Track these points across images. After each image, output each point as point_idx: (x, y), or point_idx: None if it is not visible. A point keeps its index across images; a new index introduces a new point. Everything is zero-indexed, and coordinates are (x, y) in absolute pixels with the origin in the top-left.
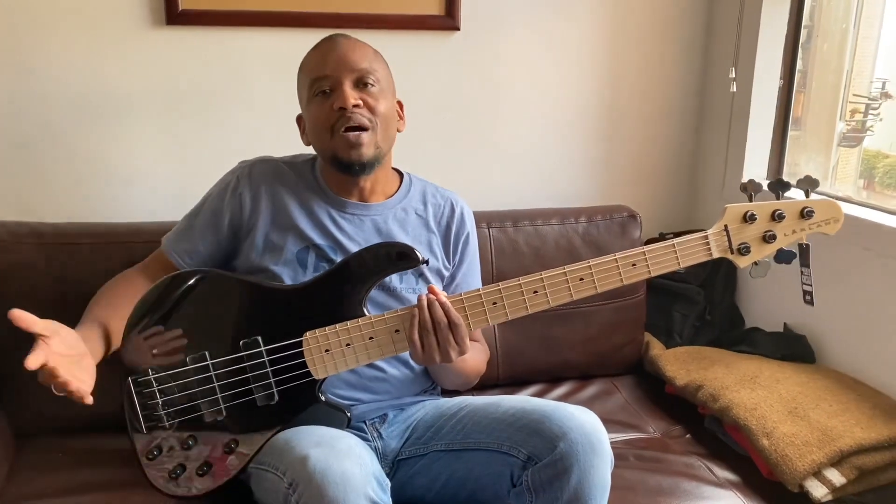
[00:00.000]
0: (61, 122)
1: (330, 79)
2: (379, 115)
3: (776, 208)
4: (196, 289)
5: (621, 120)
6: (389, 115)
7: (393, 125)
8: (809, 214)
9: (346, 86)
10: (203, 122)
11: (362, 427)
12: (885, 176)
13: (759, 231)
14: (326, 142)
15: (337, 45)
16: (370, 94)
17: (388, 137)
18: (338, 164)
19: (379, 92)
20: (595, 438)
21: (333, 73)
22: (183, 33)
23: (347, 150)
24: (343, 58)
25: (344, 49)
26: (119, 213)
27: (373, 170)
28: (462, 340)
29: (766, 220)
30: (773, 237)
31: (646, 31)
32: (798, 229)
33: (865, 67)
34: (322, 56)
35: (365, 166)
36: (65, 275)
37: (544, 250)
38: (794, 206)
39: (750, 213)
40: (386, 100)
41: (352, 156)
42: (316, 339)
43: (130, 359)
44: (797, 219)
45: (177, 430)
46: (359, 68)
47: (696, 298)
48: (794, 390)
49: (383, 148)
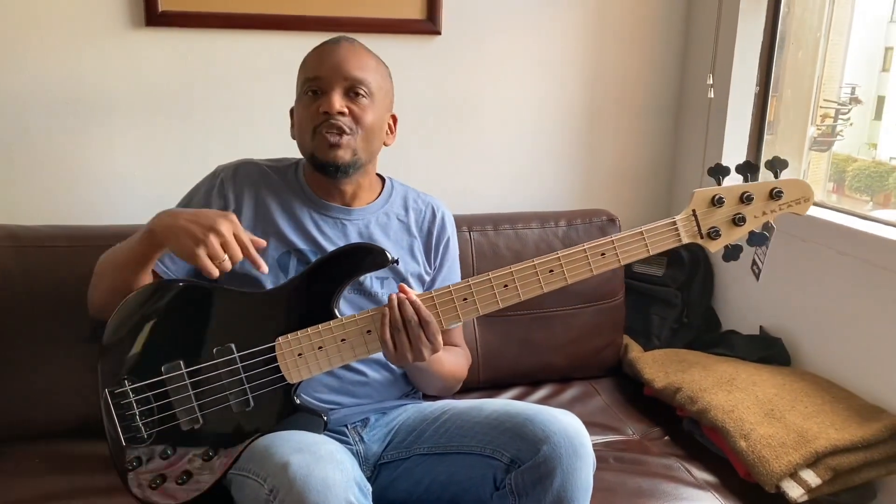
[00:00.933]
0: (38, 124)
1: (322, 80)
2: (362, 126)
3: (744, 190)
4: (169, 298)
5: (601, 124)
6: (375, 128)
7: (378, 138)
8: (779, 195)
9: (335, 91)
10: (182, 124)
11: (344, 431)
12: (853, 180)
13: (727, 214)
14: (307, 141)
15: (338, 49)
16: (358, 104)
17: (369, 148)
18: (315, 163)
19: (368, 104)
20: (578, 441)
21: (326, 76)
22: (162, 35)
23: (325, 150)
24: (340, 64)
25: (343, 55)
26: (96, 216)
27: (348, 175)
28: (434, 338)
29: (734, 203)
30: (743, 220)
31: (625, 37)
32: (768, 210)
33: (835, 73)
34: (321, 57)
35: (339, 168)
36: (39, 278)
37: (525, 253)
38: (763, 187)
39: (718, 196)
40: (374, 112)
41: (328, 156)
42: (288, 343)
43: (107, 370)
44: (766, 200)
45: (155, 440)
46: (352, 76)
47: (674, 301)
48: (770, 392)
49: (362, 157)
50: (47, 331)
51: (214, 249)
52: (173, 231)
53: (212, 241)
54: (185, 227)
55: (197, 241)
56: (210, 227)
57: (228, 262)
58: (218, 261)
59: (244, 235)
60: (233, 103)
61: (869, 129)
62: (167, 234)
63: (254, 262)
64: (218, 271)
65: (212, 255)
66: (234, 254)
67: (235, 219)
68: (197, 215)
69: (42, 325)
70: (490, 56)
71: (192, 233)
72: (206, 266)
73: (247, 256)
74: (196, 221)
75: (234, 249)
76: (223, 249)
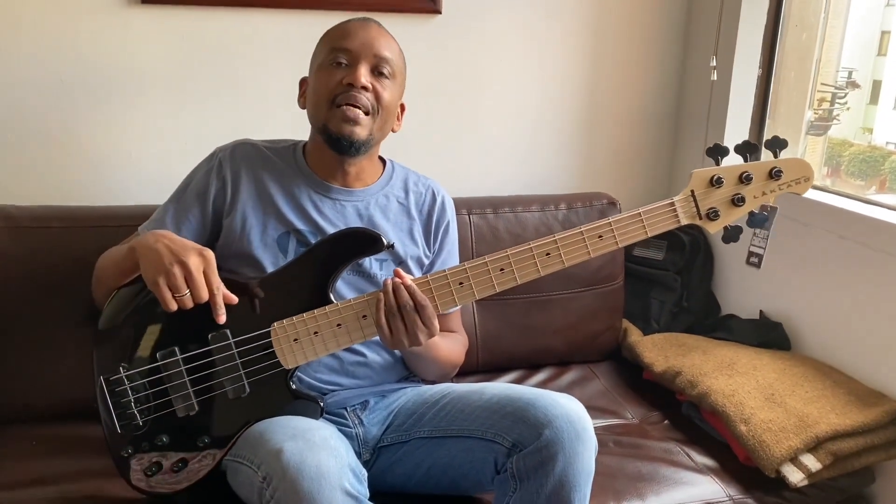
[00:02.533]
0: (33, 104)
1: (350, 53)
2: (383, 105)
3: (743, 170)
4: None
5: (602, 106)
6: (392, 109)
7: (391, 120)
8: (778, 175)
9: (362, 65)
10: (178, 103)
11: (343, 414)
12: (849, 164)
13: (727, 195)
14: (323, 112)
15: (369, 27)
16: (381, 83)
17: (383, 129)
18: (327, 136)
19: (390, 84)
20: (580, 426)
21: (356, 50)
22: (158, 12)
23: (340, 125)
24: (371, 40)
25: (374, 33)
26: (91, 197)
27: (359, 153)
28: (430, 322)
29: (733, 183)
30: (742, 200)
31: (627, 19)
32: (767, 190)
33: (832, 57)
34: (351, 30)
35: (353, 144)
36: (35, 258)
37: (524, 237)
38: (762, 166)
39: (716, 176)
40: (394, 93)
41: (343, 130)
42: (284, 328)
43: (102, 357)
44: (766, 180)
45: (150, 427)
46: (381, 55)
47: (673, 285)
48: (770, 377)
49: (376, 136)
50: (43, 312)
51: (175, 281)
52: (146, 252)
53: (175, 272)
54: (156, 251)
55: (160, 270)
56: (179, 257)
57: (189, 299)
58: (178, 293)
59: (215, 277)
60: (229, 82)
61: (865, 113)
62: (142, 253)
63: (214, 308)
64: (175, 305)
65: (171, 286)
66: (198, 291)
67: (212, 256)
68: (174, 243)
69: (38, 306)
70: (490, 36)
71: (160, 259)
72: (163, 296)
73: (210, 301)
74: (169, 249)
75: (198, 286)
76: (186, 284)
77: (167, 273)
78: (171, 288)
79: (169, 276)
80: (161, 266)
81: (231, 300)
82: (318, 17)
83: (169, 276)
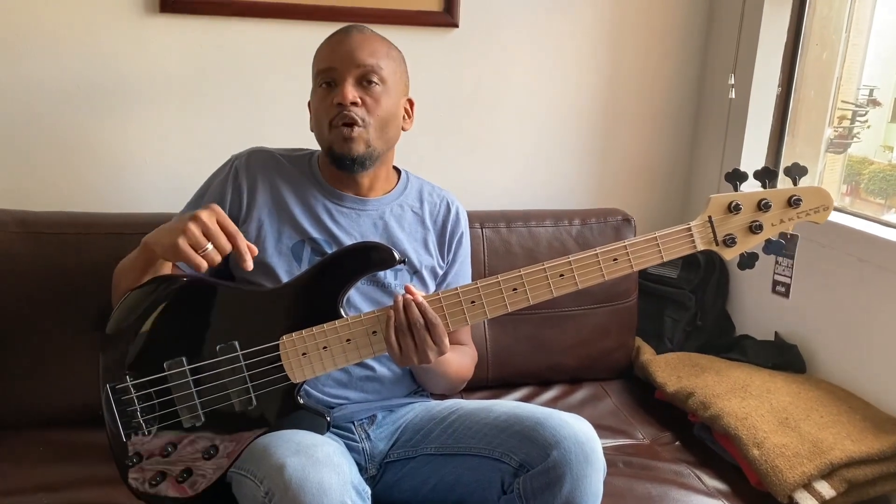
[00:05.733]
0: (51, 110)
1: (334, 72)
2: (375, 115)
3: (762, 197)
4: (173, 294)
5: (618, 122)
6: (390, 115)
7: (394, 125)
8: (797, 203)
9: (348, 82)
10: (195, 112)
11: (350, 428)
12: (869, 182)
13: (744, 221)
14: (325, 134)
15: (348, 39)
16: (371, 93)
17: (384, 136)
18: (332, 156)
19: (381, 91)
20: (589, 448)
21: (338, 67)
22: (176, 21)
23: (340, 144)
24: (350, 53)
25: (354, 43)
26: (108, 203)
27: (365, 167)
28: (440, 340)
29: (751, 210)
30: (760, 227)
31: (644, 34)
32: (786, 218)
33: (853, 74)
34: (331, 47)
35: (355, 161)
36: (50, 264)
37: (537, 252)
38: (781, 194)
39: (735, 202)
40: (389, 98)
41: (343, 149)
42: (293, 342)
43: (109, 364)
44: (784, 208)
45: (156, 436)
46: (364, 64)
47: (688, 304)
48: (785, 400)
49: (377, 146)
50: (56, 318)
51: (195, 236)
52: (159, 234)
53: (191, 228)
54: (168, 226)
55: (176, 232)
56: (189, 217)
57: (214, 252)
58: (201, 249)
59: (230, 223)
60: (246, 91)
61: (886, 131)
62: (154, 238)
63: (239, 253)
64: (205, 263)
65: (193, 244)
66: (219, 241)
67: (219, 208)
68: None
69: (51, 312)
70: (507, 49)
71: (172, 227)
72: (188, 255)
73: (233, 246)
74: (177, 219)
75: (217, 236)
76: (206, 238)
77: (184, 231)
78: (192, 246)
79: (187, 233)
80: (176, 230)
81: (253, 251)
82: (332, 28)
83: (187, 234)
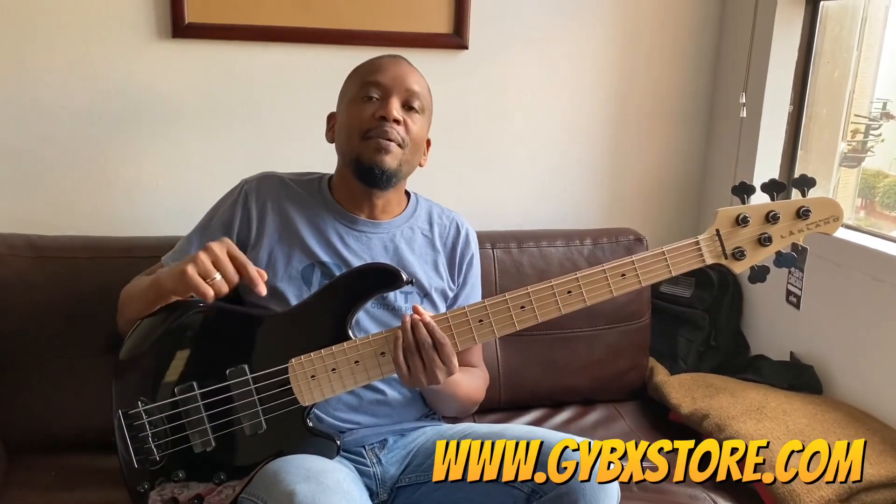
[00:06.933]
0: (63, 134)
1: (383, 87)
2: (412, 137)
3: (770, 209)
4: (183, 320)
5: (629, 141)
6: (420, 143)
7: (419, 154)
8: (806, 214)
9: (394, 99)
10: (206, 135)
11: (361, 452)
12: (884, 196)
13: (753, 234)
14: (355, 144)
15: (399, 64)
16: (412, 117)
17: (411, 162)
18: (358, 167)
19: (420, 118)
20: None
21: (388, 84)
22: (188, 46)
23: (373, 153)
24: (402, 76)
25: (405, 69)
26: (119, 227)
27: (388, 185)
28: (449, 360)
29: (759, 223)
30: (769, 240)
31: (654, 52)
32: (795, 230)
33: (866, 88)
34: (382, 66)
35: (384, 173)
36: (61, 288)
37: (549, 272)
38: (790, 205)
39: (742, 215)
40: (423, 128)
41: (375, 159)
42: (301, 364)
43: (121, 390)
44: (793, 219)
45: (167, 462)
46: (412, 89)
47: (702, 323)
48: (801, 422)
49: (404, 169)
50: (67, 341)
51: (204, 265)
52: (169, 272)
53: (201, 257)
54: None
55: (186, 261)
56: (201, 249)
57: (222, 282)
58: (209, 278)
59: (240, 254)
60: (258, 116)
61: None
62: (166, 275)
63: (251, 280)
64: (212, 291)
65: (202, 273)
66: (227, 271)
67: (229, 241)
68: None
69: (62, 335)
70: (517, 71)
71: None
72: (196, 284)
73: (243, 275)
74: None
75: (226, 267)
76: (215, 267)
77: (194, 261)
78: (201, 275)
79: (196, 263)
80: (185, 259)
81: (263, 276)
82: (346, 53)
83: (196, 264)
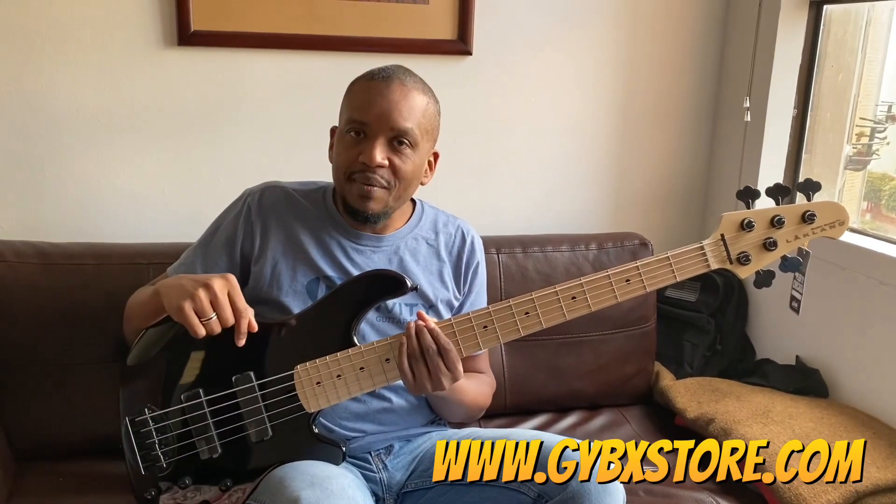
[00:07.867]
0: (70, 142)
1: (367, 126)
2: (401, 178)
3: (775, 214)
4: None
5: (634, 146)
6: (414, 175)
7: (414, 184)
8: (811, 218)
9: (378, 141)
10: (212, 143)
11: (367, 458)
12: (890, 199)
13: (758, 238)
14: (342, 183)
15: (388, 93)
16: (400, 155)
17: (403, 196)
18: (346, 206)
19: (410, 154)
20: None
21: (372, 123)
22: (194, 54)
23: (356, 199)
24: (388, 111)
25: (392, 101)
26: (126, 234)
27: (378, 222)
28: (453, 366)
29: (764, 227)
30: (774, 244)
31: (659, 59)
32: (800, 234)
33: (871, 91)
34: (369, 98)
35: (370, 218)
36: (68, 295)
37: (554, 277)
38: (795, 210)
39: (747, 220)
40: (415, 161)
41: (359, 206)
42: (307, 371)
43: (128, 397)
44: (798, 223)
45: (174, 468)
46: (398, 127)
47: (707, 328)
48: (808, 426)
49: (393, 206)
50: (74, 348)
51: (201, 304)
52: (170, 288)
53: (200, 295)
54: (179, 284)
55: (184, 295)
56: (203, 282)
57: (216, 323)
58: (204, 317)
59: (240, 300)
60: (263, 123)
61: None
62: (165, 291)
63: (239, 331)
64: (203, 330)
65: (198, 311)
66: (224, 314)
67: (234, 281)
68: (197, 274)
69: (69, 342)
70: (521, 77)
71: (183, 288)
72: (190, 321)
73: (238, 322)
74: (192, 278)
75: (223, 309)
76: (212, 307)
77: (192, 297)
78: (197, 312)
79: (194, 299)
80: (185, 292)
81: (252, 328)
82: (351, 59)
83: (194, 300)
